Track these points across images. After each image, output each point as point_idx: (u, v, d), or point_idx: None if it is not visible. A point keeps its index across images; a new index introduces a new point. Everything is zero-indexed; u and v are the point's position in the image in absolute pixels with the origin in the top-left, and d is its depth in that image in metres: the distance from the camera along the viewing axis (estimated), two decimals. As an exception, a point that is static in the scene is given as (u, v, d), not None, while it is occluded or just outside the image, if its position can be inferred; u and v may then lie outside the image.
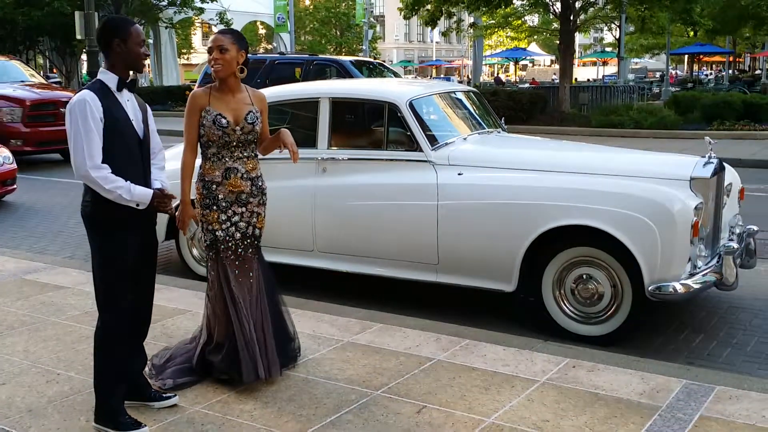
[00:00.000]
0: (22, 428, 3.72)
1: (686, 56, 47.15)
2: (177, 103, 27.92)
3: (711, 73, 58.22)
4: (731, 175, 6.09)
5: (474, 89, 7.50)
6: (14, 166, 11.03)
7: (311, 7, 59.21)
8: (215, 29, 44.51)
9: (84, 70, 33.60)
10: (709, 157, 5.48)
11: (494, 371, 4.35)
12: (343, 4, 56.45)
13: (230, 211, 4.21)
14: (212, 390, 4.12)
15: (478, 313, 5.85)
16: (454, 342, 4.81)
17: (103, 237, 3.65)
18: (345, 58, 16.13)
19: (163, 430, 3.69)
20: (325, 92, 6.29)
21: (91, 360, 4.41)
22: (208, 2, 34.16)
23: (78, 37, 22.52)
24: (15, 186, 11.07)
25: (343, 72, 14.41)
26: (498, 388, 4.12)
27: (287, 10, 36.55)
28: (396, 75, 17.57)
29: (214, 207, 4.19)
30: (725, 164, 5.86)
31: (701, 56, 47.23)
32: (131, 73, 3.74)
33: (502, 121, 7.11)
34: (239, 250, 4.23)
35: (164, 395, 3.97)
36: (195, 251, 6.74)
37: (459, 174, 5.60)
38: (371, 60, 18.25)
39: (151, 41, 39.94)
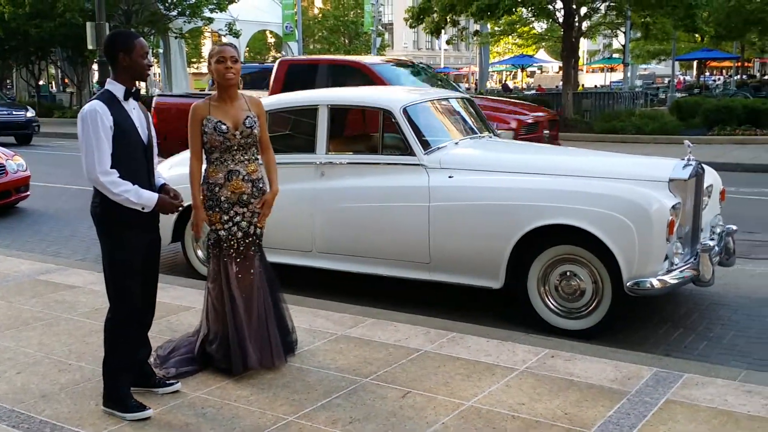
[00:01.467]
0: (36, 411, 4.03)
1: (695, 62, 47.29)
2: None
3: (719, 78, 58.30)
4: (712, 177, 6.35)
5: (467, 96, 7.78)
6: (28, 173, 11.40)
7: (320, 15, 59.64)
8: (225, 39, 45.01)
9: (95, 80, 34.09)
10: (689, 160, 5.73)
11: (477, 360, 4.64)
12: (352, 13, 56.84)
13: (232, 211, 4.51)
14: (212, 378, 4.42)
15: (468, 308, 6.12)
16: (441, 335, 5.11)
17: (112, 236, 3.94)
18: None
19: (167, 413, 4.00)
20: (324, 99, 6.60)
21: (101, 352, 4.73)
22: (217, 12, 34.59)
23: (89, 47, 22.99)
24: (29, 192, 11.44)
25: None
26: (479, 376, 4.41)
27: (295, 20, 36.94)
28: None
29: (217, 208, 4.50)
30: (705, 166, 6.12)
31: (709, 62, 47.36)
32: (136, 82, 4.05)
33: (495, 126, 7.39)
34: (241, 248, 4.54)
35: (167, 382, 4.27)
36: (200, 252, 7.04)
37: (450, 177, 5.89)
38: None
39: (161, 51, 40.41)
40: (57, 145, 22.77)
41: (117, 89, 3.93)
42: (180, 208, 4.12)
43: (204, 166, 4.57)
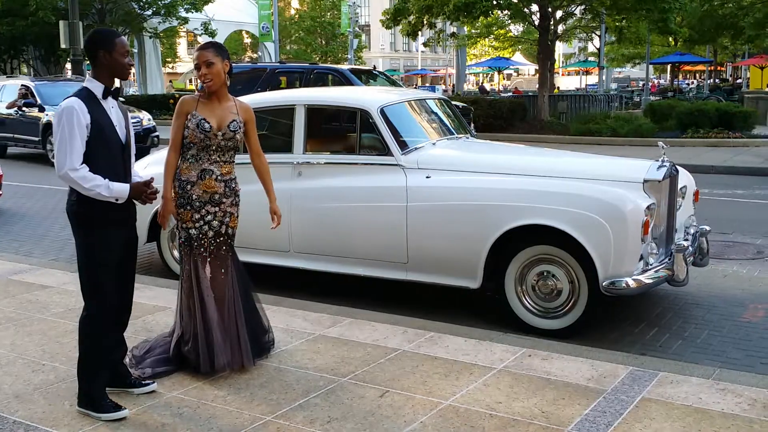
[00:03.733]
0: (10, 412, 3.99)
1: (669, 65, 47.77)
2: (161, 112, 28.14)
3: (693, 82, 58.90)
4: (686, 178, 6.42)
5: (444, 97, 7.81)
6: (0, 172, 11.25)
7: (296, 16, 59.56)
8: (200, 39, 44.77)
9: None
10: (662, 161, 5.79)
11: (455, 360, 4.65)
12: (329, 14, 56.83)
13: (203, 210, 4.49)
14: (188, 378, 4.39)
15: (446, 308, 6.13)
16: (419, 334, 5.11)
17: (88, 234, 3.91)
18: (344, 67, 16.47)
19: (142, 413, 3.96)
20: (301, 99, 6.58)
21: (75, 352, 4.67)
22: (192, 12, 34.40)
23: (62, 46, 22.75)
24: (0, 192, 11.29)
25: (342, 80, 14.74)
26: (457, 375, 4.42)
27: (272, 20, 36.87)
28: (393, 82, 17.89)
29: (188, 206, 4.48)
30: (679, 168, 6.18)
31: (682, 65, 47.85)
32: (116, 81, 4.03)
33: (472, 127, 7.42)
34: (212, 248, 4.51)
35: (143, 382, 4.23)
36: (176, 252, 6.99)
37: (427, 177, 5.90)
38: (369, 68, 18.64)
39: (135, 51, 40.12)
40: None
41: (96, 87, 3.89)
42: (154, 197, 4.02)
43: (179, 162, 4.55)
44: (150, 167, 7.25)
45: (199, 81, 4.53)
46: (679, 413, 3.89)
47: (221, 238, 4.55)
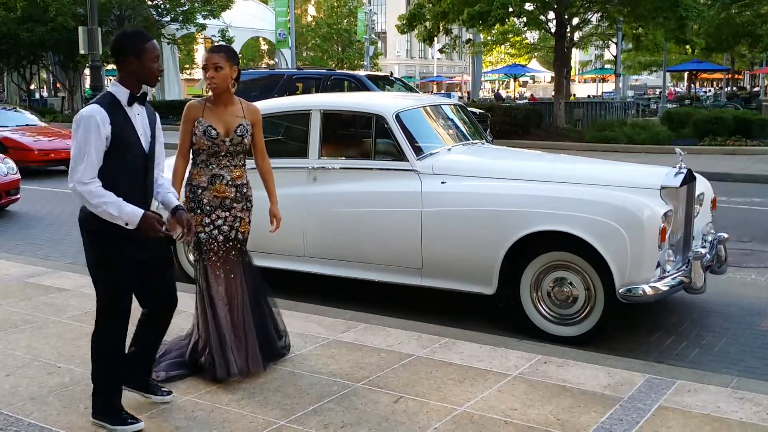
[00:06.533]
0: (25, 414, 3.99)
1: (686, 73, 47.55)
2: (178, 117, 28.19)
3: (710, 90, 58.60)
4: (703, 185, 6.37)
5: (460, 103, 7.79)
6: (18, 176, 11.35)
7: (313, 23, 59.75)
8: (217, 45, 44.71)
9: (87, 85, 33.99)
10: (680, 168, 5.74)
11: (469, 366, 4.63)
12: (345, 21, 56.97)
13: (214, 215, 4.49)
14: (203, 382, 4.39)
15: (461, 314, 6.11)
16: (434, 340, 5.09)
17: (98, 247, 3.70)
18: (361, 73, 16.51)
19: (156, 416, 3.96)
20: (316, 104, 6.58)
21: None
22: (210, 19, 34.60)
23: (81, 51, 22.91)
24: (19, 196, 11.39)
25: (359, 86, 14.80)
26: (472, 381, 4.39)
27: (288, 27, 37.01)
28: (410, 88, 17.92)
29: (199, 210, 4.47)
30: (696, 174, 6.13)
31: (700, 73, 47.63)
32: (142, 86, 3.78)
33: (488, 133, 7.40)
34: (221, 252, 4.51)
35: (163, 390, 4.13)
36: (191, 256, 7.00)
37: (442, 182, 5.88)
38: (386, 74, 18.70)
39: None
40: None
41: (120, 93, 3.67)
42: (163, 235, 3.73)
43: (189, 167, 4.55)
44: (168, 171, 7.27)
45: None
46: (697, 422, 3.85)
47: (231, 243, 4.54)
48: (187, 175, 4.56)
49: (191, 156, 4.54)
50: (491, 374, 4.50)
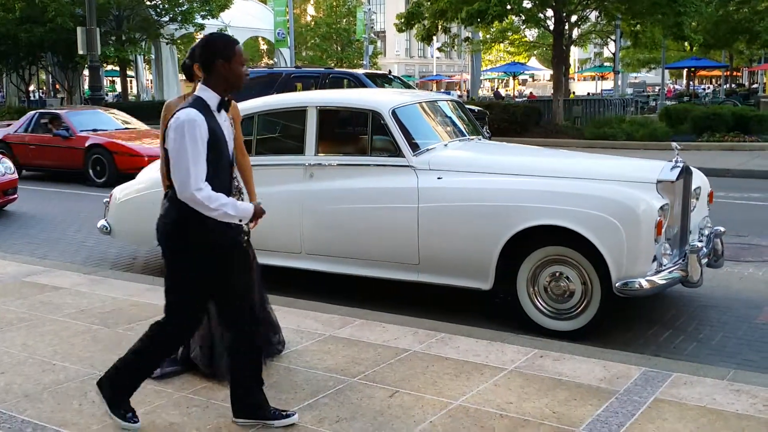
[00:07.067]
0: (19, 411, 3.99)
1: (685, 70, 47.53)
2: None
3: (709, 87, 58.58)
4: (700, 179, 6.36)
5: (456, 98, 7.78)
6: (15, 176, 11.36)
7: (312, 23, 59.73)
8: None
9: (86, 86, 34.00)
10: (676, 162, 5.73)
11: (465, 360, 4.62)
12: (344, 20, 56.94)
13: None
14: (199, 378, 4.38)
15: (458, 310, 6.10)
16: (430, 335, 5.08)
17: (184, 255, 3.58)
18: (359, 71, 16.52)
19: (151, 412, 3.95)
20: (313, 101, 6.58)
21: (86, 352, 4.73)
22: (208, 18, 34.57)
23: (80, 52, 22.86)
24: (16, 195, 11.39)
25: (358, 84, 14.81)
26: (468, 375, 4.39)
27: (287, 26, 37.00)
28: (408, 86, 17.93)
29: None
30: (693, 168, 6.12)
31: (698, 70, 47.61)
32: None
33: (485, 130, 7.39)
34: None
35: (283, 413, 3.85)
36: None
37: (438, 178, 5.88)
38: (384, 73, 18.73)
39: (152, 57, 40.36)
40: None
41: (211, 98, 3.57)
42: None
43: None
44: (153, 172, 7.27)
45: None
46: (693, 414, 3.85)
47: None
48: None
49: None
50: (487, 368, 4.49)
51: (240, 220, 3.58)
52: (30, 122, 16.19)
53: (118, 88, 45.31)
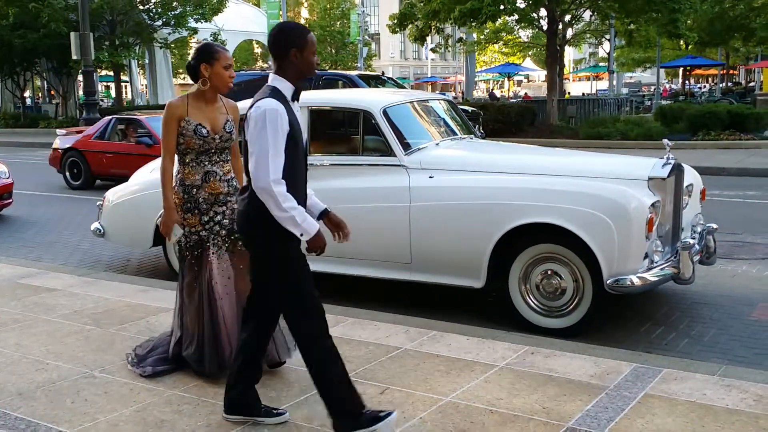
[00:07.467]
0: (12, 408, 4.00)
1: (680, 69, 47.62)
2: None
3: (705, 86, 58.65)
4: (692, 176, 6.38)
5: (449, 98, 7.81)
6: (10, 180, 11.35)
7: (306, 26, 59.78)
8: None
9: (80, 91, 33.98)
10: (667, 159, 5.75)
11: (456, 358, 4.64)
12: (338, 23, 57.03)
13: (212, 211, 4.45)
14: (190, 376, 4.39)
15: (449, 309, 6.11)
16: (422, 333, 5.10)
17: (279, 241, 3.49)
18: (352, 73, 16.58)
19: (142, 409, 3.97)
20: (304, 102, 6.52)
21: (79, 351, 4.76)
22: (202, 22, 34.56)
23: (74, 57, 22.83)
24: (11, 200, 11.38)
25: (351, 85, 14.84)
26: (458, 372, 4.40)
27: (281, 29, 36.92)
28: (400, 86, 17.97)
29: (195, 210, 4.43)
30: (685, 165, 6.14)
31: (694, 69, 47.72)
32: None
33: (477, 129, 7.40)
34: (227, 245, 4.47)
35: (274, 411, 3.85)
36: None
37: (430, 177, 5.89)
38: (377, 74, 18.83)
39: (146, 61, 40.34)
40: (41, 155, 22.64)
41: (286, 88, 3.47)
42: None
43: (176, 168, 4.49)
44: (156, 172, 7.28)
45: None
46: (683, 409, 3.86)
47: (235, 235, 4.51)
48: (176, 175, 4.49)
49: (177, 157, 4.47)
50: (478, 365, 4.50)
51: (301, 235, 3.43)
52: (106, 128, 15.07)
53: (114, 93, 45.28)
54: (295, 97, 3.53)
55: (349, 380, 3.59)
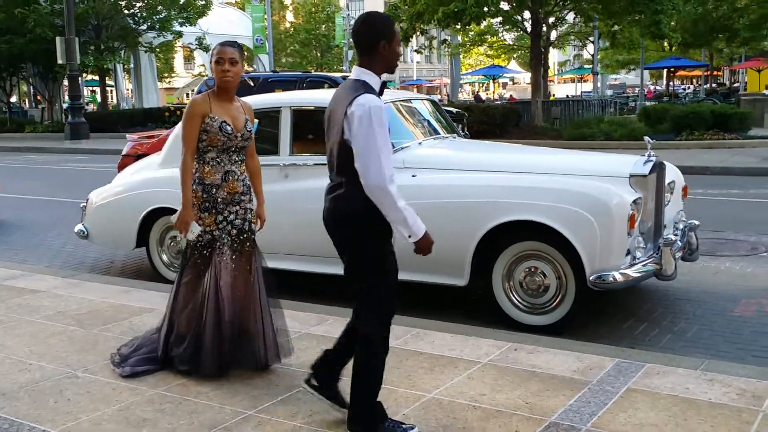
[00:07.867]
0: (-6, 409, 3.98)
1: (665, 71, 47.91)
2: (157, 125, 28.19)
3: (689, 87, 58.96)
4: (674, 173, 6.42)
5: (432, 98, 7.82)
6: (-4, 184, 11.28)
7: (291, 29, 59.75)
8: (196, 53, 44.72)
9: (66, 96, 33.83)
10: (649, 156, 5.79)
11: (440, 355, 4.65)
12: (323, 26, 57.01)
13: (226, 211, 4.45)
14: (173, 375, 4.38)
15: (433, 307, 6.12)
16: (406, 331, 5.10)
17: (374, 240, 3.48)
18: (337, 75, 16.56)
19: (125, 408, 3.95)
20: (286, 102, 6.60)
21: (62, 352, 4.74)
22: (186, 26, 34.48)
23: (59, 62, 22.77)
24: (-6, 204, 11.31)
25: (336, 86, 14.79)
26: (442, 369, 4.41)
27: (266, 33, 36.98)
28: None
29: (213, 209, 4.41)
30: (667, 163, 6.18)
31: (678, 70, 48.01)
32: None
33: (460, 128, 7.42)
34: (236, 245, 4.47)
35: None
36: (165, 257, 7.00)
37: (413, 176, 5.90)
38: None
39: (131, 65, 40.20)
40: (27, 159, 22.54)
41: (375, 82, 3.35)
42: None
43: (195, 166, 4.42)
44: (140, 173, 7.26)
45: (214, 76, 4.42)
46: (666, 403, 3.88)
47: (245, 235, 4.52)
48: (195, 174, 4.41)
49: (197, 155, 4.42)
50: (462, 362, 4.52)
51: (408, 236, 3.35)
52: None
53: (99, 97, 45.12)
54: (381, 91, 3.41)
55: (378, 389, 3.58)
